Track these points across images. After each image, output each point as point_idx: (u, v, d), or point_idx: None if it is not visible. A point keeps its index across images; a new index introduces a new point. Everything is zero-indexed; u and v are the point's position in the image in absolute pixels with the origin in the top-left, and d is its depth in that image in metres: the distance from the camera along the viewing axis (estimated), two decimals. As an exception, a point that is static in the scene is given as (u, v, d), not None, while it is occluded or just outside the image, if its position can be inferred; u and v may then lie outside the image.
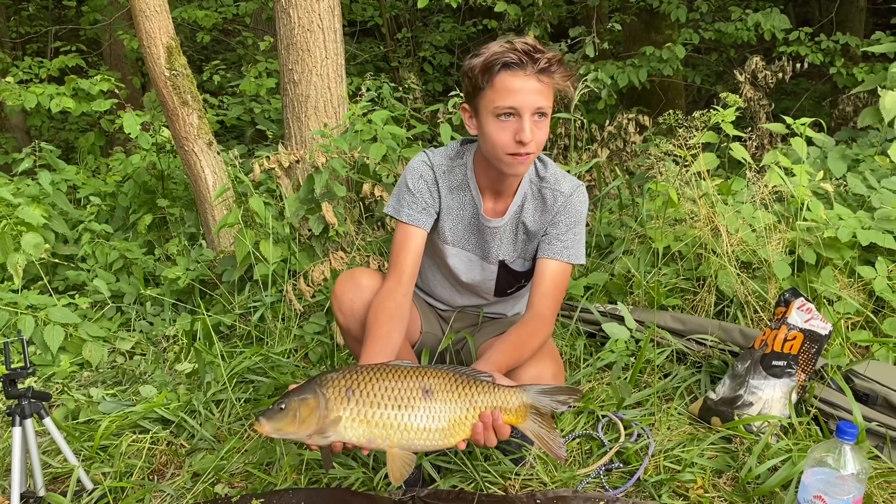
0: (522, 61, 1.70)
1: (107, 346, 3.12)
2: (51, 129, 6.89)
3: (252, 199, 3.11)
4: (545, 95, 1.75)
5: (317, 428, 1.47)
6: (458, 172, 2.00)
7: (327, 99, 3.43)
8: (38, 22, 8.19)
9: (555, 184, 1.98)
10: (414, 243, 1.97)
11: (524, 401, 1.57)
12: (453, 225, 2.03)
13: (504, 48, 1.71)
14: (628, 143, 4.25)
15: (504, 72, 1.72)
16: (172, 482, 2.12)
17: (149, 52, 3.24)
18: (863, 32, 6.78)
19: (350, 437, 1.49)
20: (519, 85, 1.71)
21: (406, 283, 1.94)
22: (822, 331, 2.19)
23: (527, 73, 1.71)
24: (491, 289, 2.12)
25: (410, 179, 1.99)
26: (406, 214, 1.98)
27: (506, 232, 2.02)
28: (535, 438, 1.58)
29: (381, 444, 1.50)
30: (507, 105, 1.73)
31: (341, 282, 2.00)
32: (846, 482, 1.63)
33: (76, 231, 3.83)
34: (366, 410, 1.48)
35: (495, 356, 1.75)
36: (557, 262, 1.94)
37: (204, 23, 6.66)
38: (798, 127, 2.96)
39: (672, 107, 5.44)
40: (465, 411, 1.52)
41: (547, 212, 1.97)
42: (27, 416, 1.88)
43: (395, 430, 1.49)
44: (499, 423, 1.55)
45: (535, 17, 5.30)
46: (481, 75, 1.75)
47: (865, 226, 2.70)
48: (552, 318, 1.94)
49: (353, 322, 1.97)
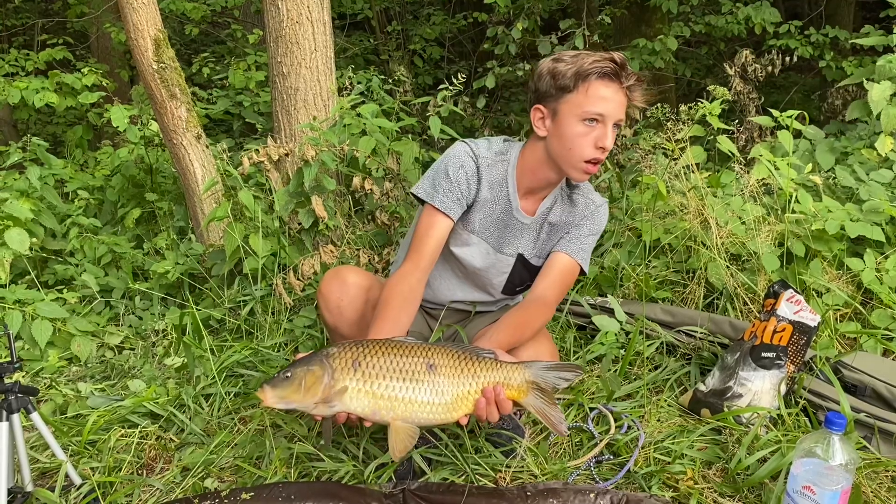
0: (618, 74, 1.81)
1: (95, 340, 3.10)
2: (38, 122, 6.82)
3: (241, 193, 3.09)
4: (624, 109, 1.86)
5: (322, 397, 1.48)
6: (499, 168, 2.01)
7: (317, 92, 3.41)
8: (23, 14, 8.10)
9: (588, 193, 2.08)
10: (439, 231, 1.97)
11: (526, 377, 1.61)
12: (483, 217, 2.04)
13: (602, 57, 1.80)
14: (618, 136, 4.25)
15: (599, 80, 1.80)
16: (161, 477, 2.11)
17: (136, 45, 3.21)
18: (852, 26, 6.80)
19: (355, 407, 1.50)
20: (610, 94, 1.81)
21: (423, 268, 1.95)
22: (810, 322, 2.20)
23: (618, 86, 1.81)
24: (502, 283, 2.14)
25: (451, 167, 1.97)
26: (440, 201, 1.96)
27: (532, 228, 2.06)
28: (538, 413, 1.62)
29: (385, 417, 1.52)
30: (596, 111, 1.80)
31: (327, 280, 1.99)
32: (834, 473, 1.63)
33: (64, 225, 3.80)
34: (371, 382, 1.50)
35: (497, 335, 1.80)
36: (570, 259, 2.01)
37: (192, 15, 6.61)
38: (784, 120, 2.97)
39: (662, 100, 5.45)
40: (468, 386, 1.55)
41: (575, 214, 2.05)
42: (14, 411, 1.86)
43: (399, 403, 1.51)
44: (501, 398, 1.58)
45: (525, 10, 5.28)
46: (574, 79, 1.81)
47: (854, 218, 2.71)
48: (554, 306, 1.99)
49: (341, 321, 1.96)
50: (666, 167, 3.07)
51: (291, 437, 2.22)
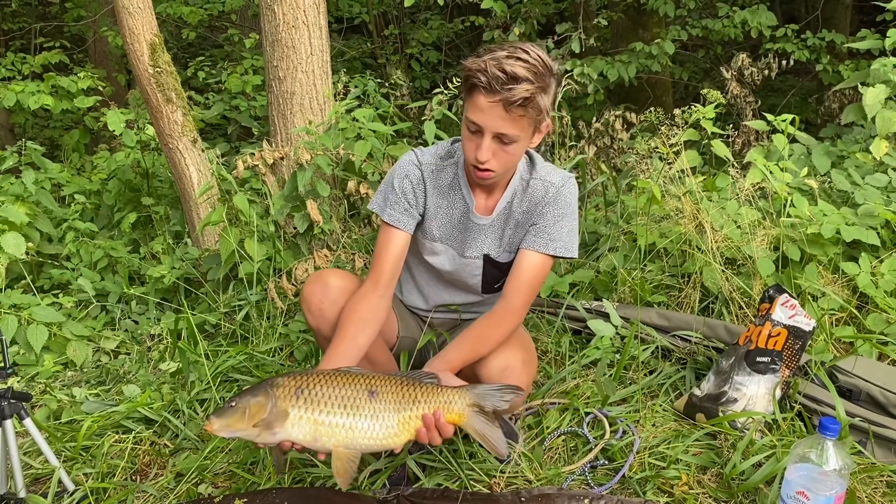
0: (491, 87, 1.65)
1: (91, 345, 3.10)
2: (35, 126, 6.83)
3: (236, 197, 3.09)
4: (512, 124, 1.70)
5: (264, 424, 1.49)
6: (448, 171, 1.98)
7: (313, 96, 3.41)
8: (21, 18, 8.10)
9: (546, 175, 1.95)
10: (395, 246, 1.95)
11: (467, 400, 1.61)
12: (441, 223, 2.01)
13: (480, 66, 1.66)
14: (615, 140, 4.25)
15: (476, 89, 1.68)
16: (155, 482, 2.10)
17: (132, 49, 3.21)
18: (848, 30, 6.82)
19: (296, 434, 1.51)
20: (486, 106, 1.68)
21: (384, 285, 1.93)
22: (805, 327, 2.20)
23: (496, 99, 1.66)
24: (478, 284, 2.10)
25: (397, 179, 1.97)
26: (388, 214, 1.96)
27: (493, 228, 2.00)
28: (476, 436, 1.62)
29: (326, 444, 1.53)
30: (472, 119, 1.72)
31: (309, 283, 1.99)
32: (829, 478, 1.63)
33: (60, 229, 3.80)
34: (312, 408, 1.52)
35: (451, 353, 1.77)
36: (538, 255, 1.91)
37: (189, 19, 6.62)
38: (779, 123, 2.97)
39: (660, 104, 5.46)
40: (408, 411, 1.56)
41: (535, 203, 1.95)
42: (7, 416, 1.87)
43: (339, 430, 1.52)
44: (441, 423, 1.58)
45: (522, 14, 5.29)
46: (463, 83, 1.74)
47: (849, 222, 2.71)
48: (523, 310, 1.92)
49: (323, 323, 1.95)
50: (661, 171, 3.07)
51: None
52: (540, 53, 1.70)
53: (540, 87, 1.67)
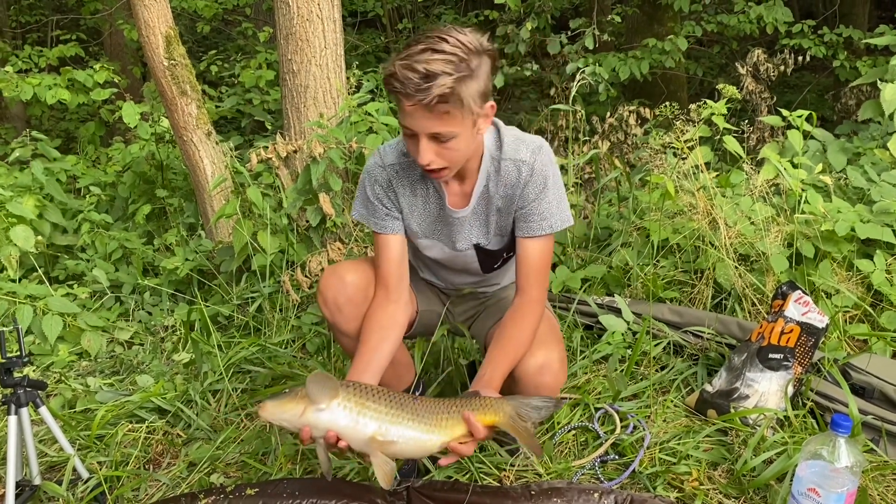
0: (406, 91, 1.54)
1: (105, 335, 3.12)
2: (51, 118, 6.88)
3: (249, 190, 3.11)
4: (441, 122, 1.59)
5: (313, 399, 1.52)
6: (415, 166, 1.85)
7: (326, 89, 3.42)
8: (38, 11, 8.16)
9: (514, 153, 1.80)
10: (392, 250, 1.92)
11: (506, 409, 1.62)
12: (420, 220, 1.94)
13: (392, 71, 1.56)
14: (629, 136, 4.24)
15: (395, 94, 1.58)
16: (168, 471, 2.12)
17: (147, 42, 3.23)
18: (866, 25, 6.74)
19: (340, 415, 1.53)
20: (409, 110, 1.58)
21: (394, 289, 1.91)
22: (818, 324, 2.19)
23: (412, 103, 1.56)
24: (478, 268, 2.04)
25: (368, 185, 1.91)
26: (373, 223, 1.92)
27: (474, 218, 1.91)
28: (517, 435, 1.62)
29: (366, 430, 1.54)
30: (403, 124, 1.65)
31: (325, 277, 1.98)
32: (840, 475, 1.62)
33: (76, 221, 3.83)
34: (360, 393, 1.56)
35: (489, 372, 1.74)
36: (537, 239, 1.84)
37: (204, 13, 6.64)
38: (794, 119, 2.95)
39: (674, 99, 5.42)
40: (448, 410, 1.60)
41: (510, 186, 1.83)
42: (23, 404, 1.88)
43: (382, 416, 1.55)
44: (477, 422, 1.57)
45: (536, 8, 5.27)
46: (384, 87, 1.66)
47: (864, 219, 2.69)
48: (542, 296, 1.87)
49: (339, 316, 1.95)
50: (675, 167, 3.05)
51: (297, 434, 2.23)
52: (460, 37, 1.58)
53: (463, 75, 1.56)
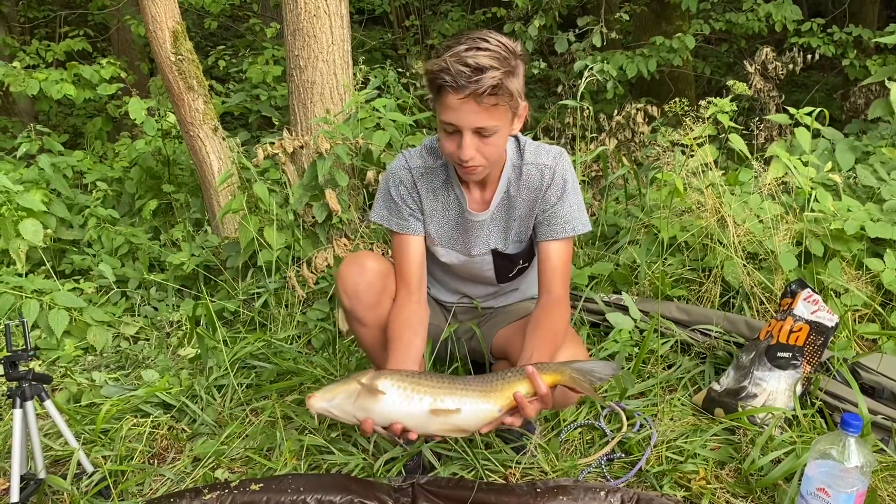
0: (458, 83, 1.61)
1: (111, 330, 3.13)
2: (59, 114, 6.90)
3: (256, 186, 3.10)
4: (488, 115, 1.66)
5: (367, 379, 1.53)
6: (439, 173, 1.95)
7: (333, 85, 3.41)
8: (46, 6, 8.18)
9: (536, 158, 1.90)
10: (413, 251, 1.96)
11: (567, 371, 1.63)
12: (439, 226, 1.99)
13: (443, 66, 1.62)
14: (637, 134, 4.22)
15: (444, 89, 1.64)
16: (173, 466, 2.12)
17: (154, 37, 3.23)
18: (876, 24, 6.70)
19: (394, 395, 1.54)
20: (457, 104, 1.64)
21: (416, 290, 1.95)
22: (828, 322, 2.17)
23: (464, 95, 1.62)
24: (492, 278, 2.10)
25: (392, 186, 1.96)
26: (396, 224, 1.96)
27: (493, 223, 1.97)
28: (579, 381, 1.63)
29: (420, 405, 1.54)
30: (447, 121, 1.69)
31: (346, 265, 1.99)
32: (850, 475, 1.61)
33: (82, 216, 3.83)
34: (408, 375, 1.58)
35: (537, 355, 1.74)
36: (559, 242, 1.91)
37: (211, 9, 6.64)
38: (802, 117, 2.93)
39: (682, 97, 5.39)
40: (505, 377, 1.59)
41: (533, 190, 1.91)
42: (28, 398, 1.88)
43: (436, 387, 1.56)
44: (539, 379, 1.58)
45: (543, 6, 5.25)
46: (429, 85, 1.71)
47: (874, 218, 2.67)
48: (566, 295, 1.94)
49: (358, 304, 1.95)
50: (683, 164, 3.03)
51: (302, 430, 2.23)
52: (500, 38, 1.66)
53: (507, 71, 1.63)
